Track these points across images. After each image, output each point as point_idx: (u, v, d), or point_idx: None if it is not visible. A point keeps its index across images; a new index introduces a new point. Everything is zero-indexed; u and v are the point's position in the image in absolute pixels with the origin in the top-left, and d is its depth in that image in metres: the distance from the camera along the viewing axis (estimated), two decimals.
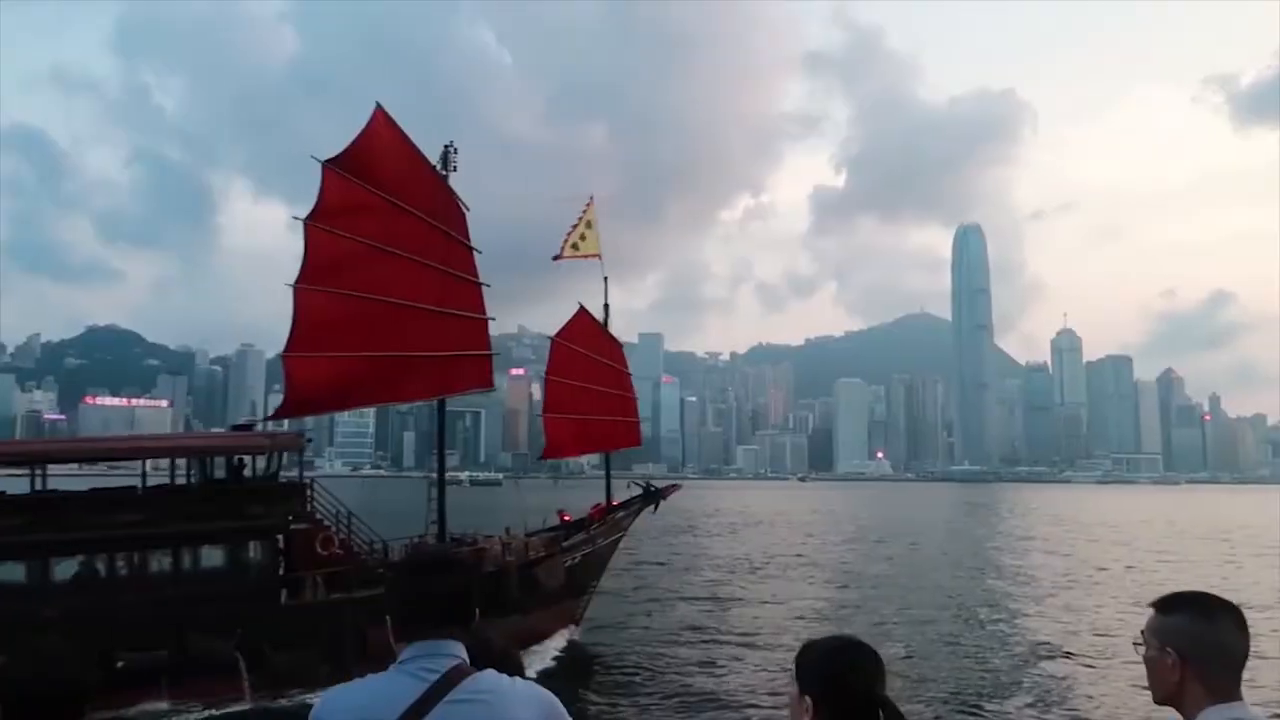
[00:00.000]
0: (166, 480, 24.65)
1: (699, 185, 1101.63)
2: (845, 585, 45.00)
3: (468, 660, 2.99)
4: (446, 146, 28.00)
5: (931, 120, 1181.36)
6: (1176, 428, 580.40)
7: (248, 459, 24.90)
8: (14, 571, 21.29)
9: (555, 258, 32.55)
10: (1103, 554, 62.67)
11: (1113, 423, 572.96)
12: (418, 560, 3.61)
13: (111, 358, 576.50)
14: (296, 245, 25.46)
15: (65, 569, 21.64)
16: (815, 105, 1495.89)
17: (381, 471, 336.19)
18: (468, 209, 27.74)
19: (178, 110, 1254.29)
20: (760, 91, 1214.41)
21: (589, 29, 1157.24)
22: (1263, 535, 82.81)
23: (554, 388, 33.12)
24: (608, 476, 34.75)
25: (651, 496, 33.03)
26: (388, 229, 25.58)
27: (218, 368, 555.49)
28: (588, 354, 33.16)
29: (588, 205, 33.74)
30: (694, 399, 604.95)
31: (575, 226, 32.88)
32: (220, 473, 25.00)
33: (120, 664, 19.93)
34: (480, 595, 3.25)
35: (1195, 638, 2.75)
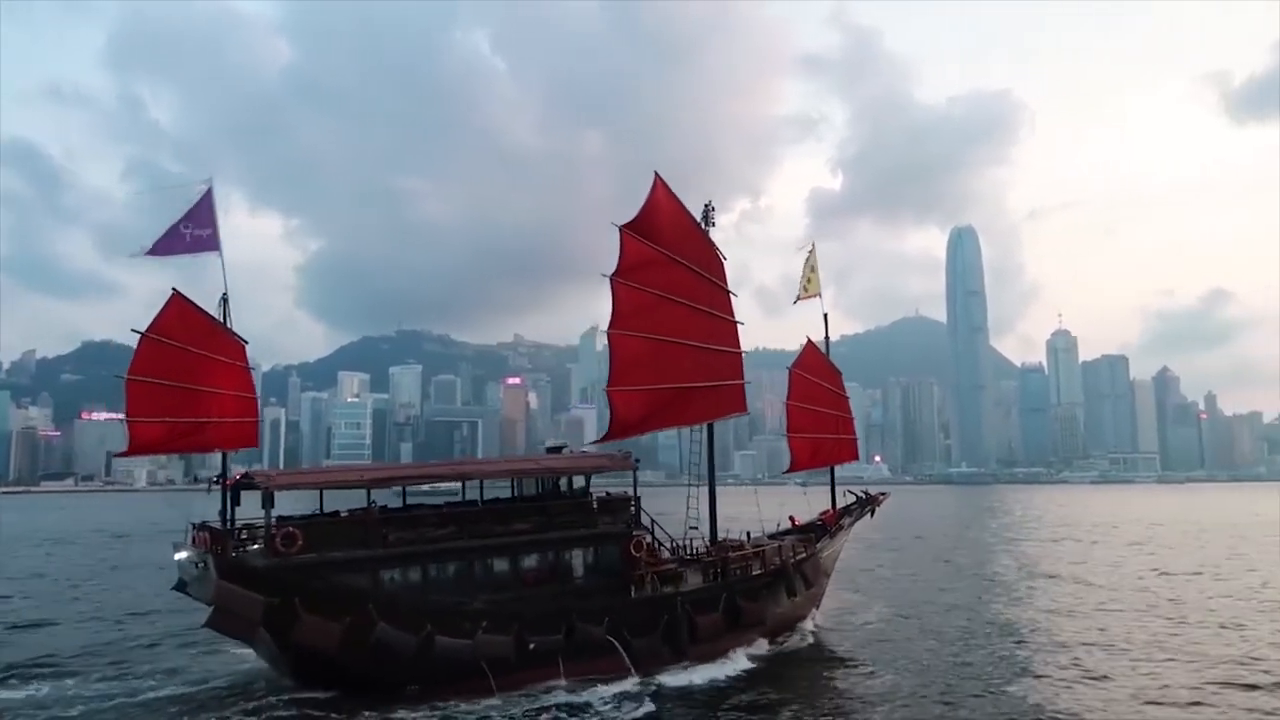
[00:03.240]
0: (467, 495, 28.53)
1: (696, 189, 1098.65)
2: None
3: None
4: (707, 205, 32.96)
5: (928, 122, 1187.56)
6: (1173, 427, 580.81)
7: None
8: (449, 570, 25.40)
9: (796, 300, 39.08)
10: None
11: (1109, 422, 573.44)
12: None
13: (108, 373, 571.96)
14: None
15: (485, 568, 25.91)
16: (812, 108, 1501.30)
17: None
18: (725, 258, 32.66)
19: (173, 122, 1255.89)
20: (757, 94, 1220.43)
21: (584, 34, 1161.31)
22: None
23: (794, 412, 38.42)
24: (833, 486, 39.50)
25: (867, 503, 38.57)
26: (669, 280, 30.93)
27: None
28: (818, 381, 39.18)
29: (811, 250, 39.45)
30: None
31: (804, 270, 38.81)
32: (532, 489, 30.17)
33: (531, 646, 24.23)
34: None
35: None
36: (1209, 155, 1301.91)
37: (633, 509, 29.05)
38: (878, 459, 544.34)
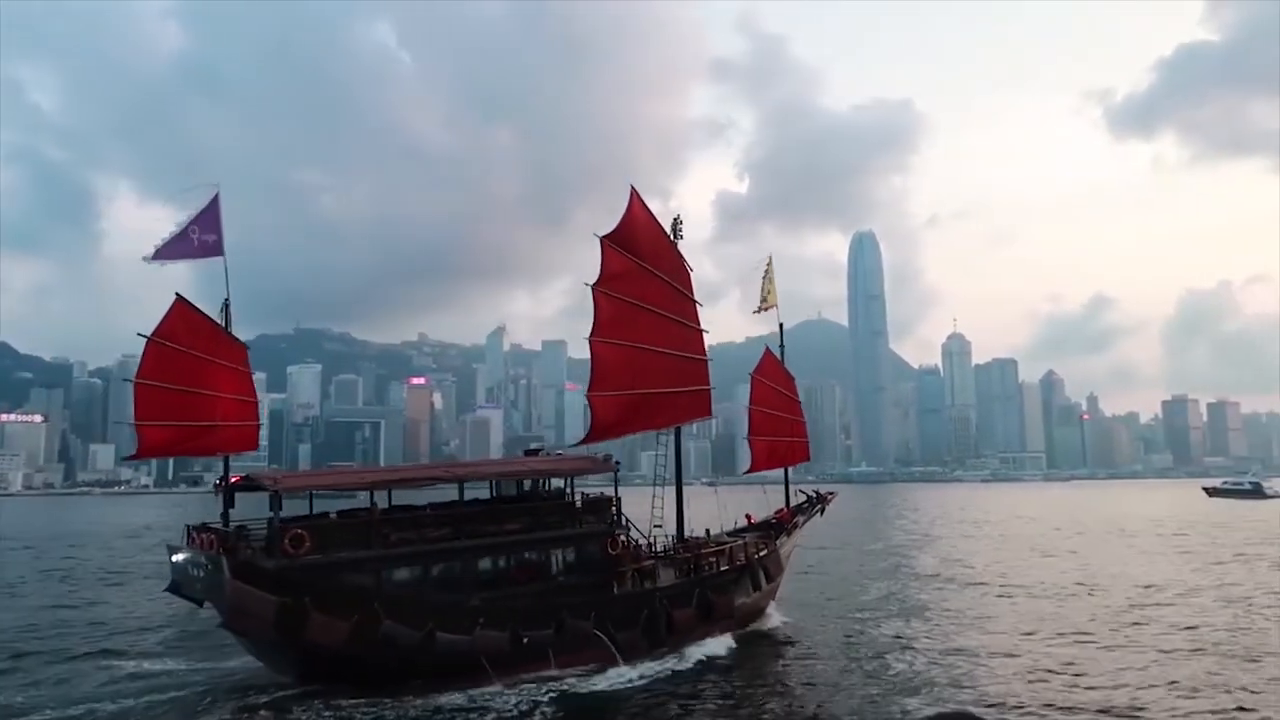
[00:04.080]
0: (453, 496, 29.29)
1: (606, 190, 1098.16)
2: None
3: None
4: (675, 219, 34.33)
5: (832, 128, 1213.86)
6: (1058, 427, 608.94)
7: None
8: (450, 569, 26.30)
9: (755, 311, 41.06)
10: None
11: (999, 423, 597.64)
12: None
13: None
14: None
15: (479, 567, 26.89)
16: (721, 112, 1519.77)
17: None
18: (692, 269, 34.14)
19: (56, 107, 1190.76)
20: (668, 97, 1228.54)
21: (492, 31, 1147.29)
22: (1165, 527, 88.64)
23: (755, 416, 40.12)
24: (786, 485, 41.02)
25: (818, 502, 40.57)
26: (644, 290, 32.33)
27: (98, 380, 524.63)
28: (776, 387, 40.93)
29: (769, 264, 41.40)
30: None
31: (763, 283, 40.94)
32: (511, 490, 31.05)
33: (525, 640, 25.25)
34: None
35: None
36: (1094, 168, 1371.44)
37: (614, 509, 30.23)
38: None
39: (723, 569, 31.89)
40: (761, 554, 34.26)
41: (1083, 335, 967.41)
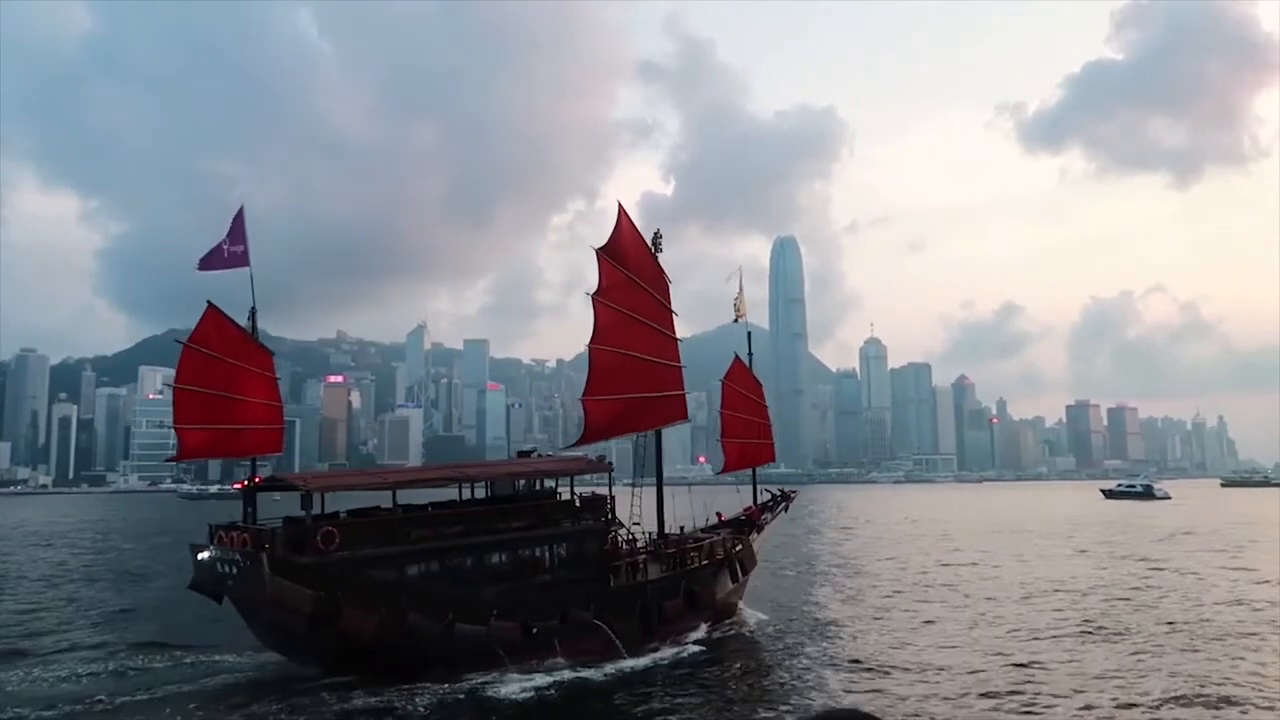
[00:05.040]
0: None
1: (532, 189, 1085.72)
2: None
3: None
4: (656, 233, 36.23)
5: (757, 133, 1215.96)
6: (969, 430, 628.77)
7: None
8: (463, 565, 27.70)
9: (735, 320, 42.38)
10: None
11: (913, 425, 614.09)
12: None
13: None
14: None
15: (489, 562, 28.29)
16: (648, 113, 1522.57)
17: (204, 486, 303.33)
18: (670, 281, 35.95)
19: None
20: (594, 97, 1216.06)
21: (417, 25, 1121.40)
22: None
23: (727, 419, 41.71)
24: (754, 484, 42.75)
25: (783, 499, 42.83)
26: (633, 300, 34.10)
27: None
28: (745, 393, 42.78)
29: (739, 276, 43.36)
30: (520, 406, 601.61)
31: (739, 293, 42.56)
32: (506, 490, 32.49)
33: (534, 630, 26.59)
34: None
35: None
36: (1006, 179, 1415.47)
37: (609, 508, 32.13)
38: (702, 459, 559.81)
39: (704, 563, 33.82)
40: (738, 549, 36.20)
41: (993, 341, 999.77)
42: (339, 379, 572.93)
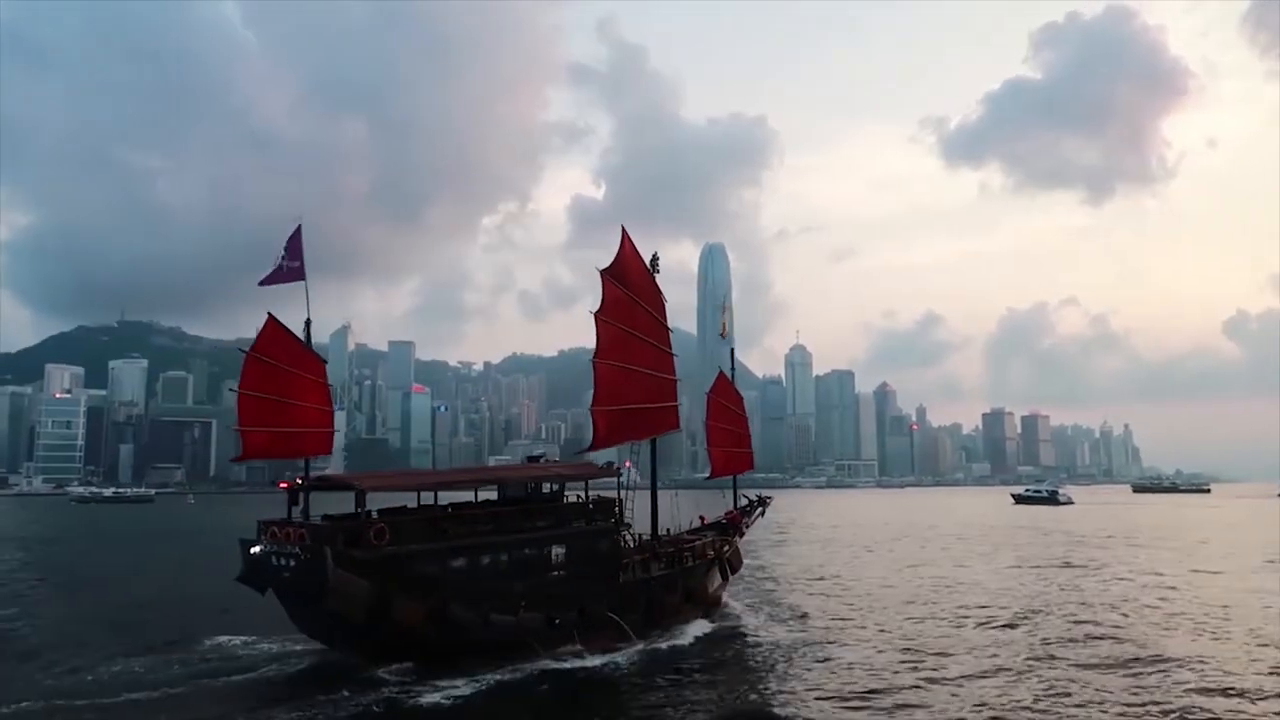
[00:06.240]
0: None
1: (462, 190, 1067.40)
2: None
3: None
4: (654, 255, 39.06)
5: (689, 139, 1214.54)
6: (890, 436, 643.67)
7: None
8: (495, 560, 29.43)
9: (720, 336, 46.96)
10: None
11: (836, 431, 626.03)
12: None
13: None
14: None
15: (516, 558, 29.99)
16: (579, 117, 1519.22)
17: (97, 490, 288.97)
18: (666, 299, 39.19)
19: None
20: (525, 99, 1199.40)
21: (346, 19, 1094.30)
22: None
23: (713, 430, 46.34)
24: (735, 489, 46.06)
25: (760, 504, 46.37)
26: (634, 318, 37.05)
27: None
28: (729, 406, 47.09)
29: (728, 301, 49.82)
30: (445, 409, 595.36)
31: (726, 314, 44.40)
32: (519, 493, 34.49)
33: (557, 621, 28.77)
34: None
35: None
36: (928, 192, 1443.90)
37: (617, 509, 34.41)
38: (629, 464, 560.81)
39: (697, 561, 36.92)
40: (726, 550, 39.33)
41: (914, 349, 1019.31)
42: None
